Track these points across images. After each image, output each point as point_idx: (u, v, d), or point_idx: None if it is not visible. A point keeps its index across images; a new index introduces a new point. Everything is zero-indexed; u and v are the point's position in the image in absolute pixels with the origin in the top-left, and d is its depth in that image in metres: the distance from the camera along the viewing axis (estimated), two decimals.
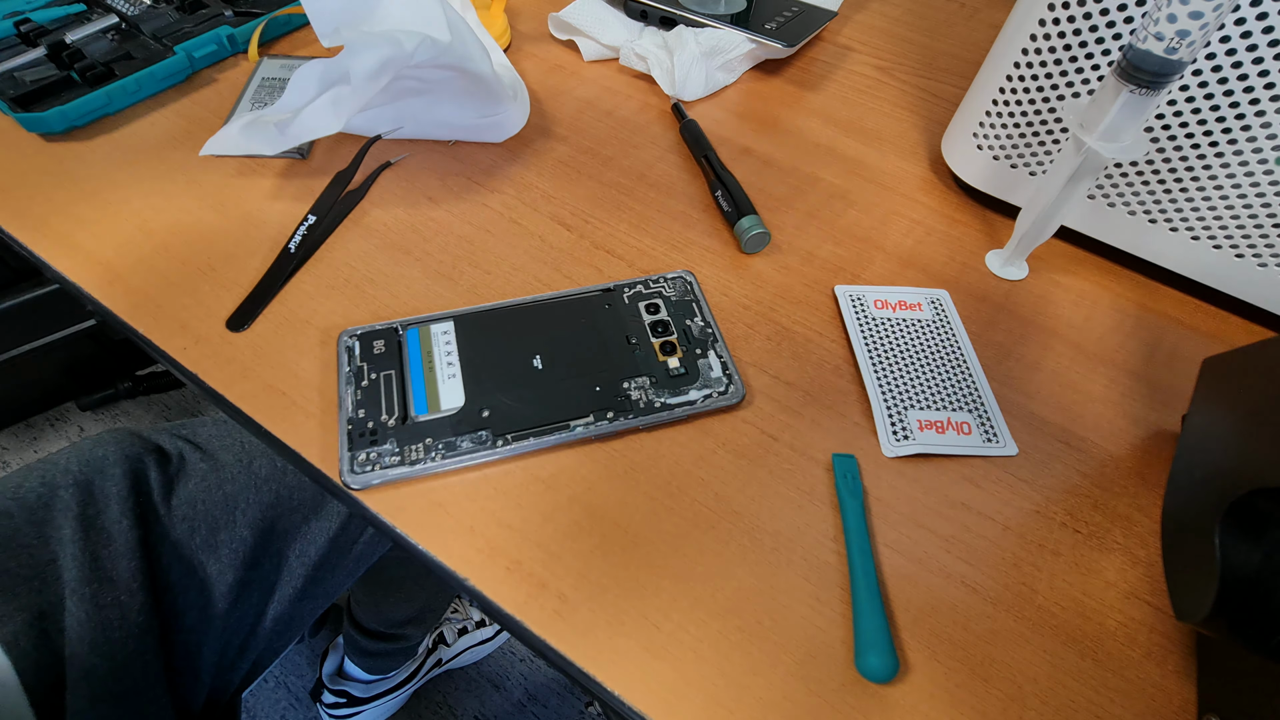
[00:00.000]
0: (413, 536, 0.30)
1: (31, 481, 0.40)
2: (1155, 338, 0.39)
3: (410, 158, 0.46)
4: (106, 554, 0.39)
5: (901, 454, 0.33)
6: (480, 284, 0.39)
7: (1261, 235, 0.36)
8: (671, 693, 0.26)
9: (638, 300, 0.38)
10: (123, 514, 0.40)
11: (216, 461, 0.45)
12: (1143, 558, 0.31)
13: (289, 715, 0.90)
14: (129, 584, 0.38)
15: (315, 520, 0.47)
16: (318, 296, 0.38)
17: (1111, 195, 0.40)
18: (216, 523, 0.43)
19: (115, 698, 0.37)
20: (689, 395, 0.34)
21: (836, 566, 0.30)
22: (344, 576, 0.50)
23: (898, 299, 0.39)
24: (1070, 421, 0.35)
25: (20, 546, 0.38)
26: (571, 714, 0.91)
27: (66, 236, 0.40)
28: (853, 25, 0.61)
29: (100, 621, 0.37)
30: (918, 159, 0.49)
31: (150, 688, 0.38)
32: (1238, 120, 0.34)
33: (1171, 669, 0.28)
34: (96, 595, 0.37)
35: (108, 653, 0.37)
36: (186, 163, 0.44)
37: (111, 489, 0.41)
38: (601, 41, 0.54)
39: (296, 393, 0.34)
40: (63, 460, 0.42)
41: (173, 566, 0.41)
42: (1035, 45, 0.37)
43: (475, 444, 0.32)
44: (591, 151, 0.47)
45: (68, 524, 0.39)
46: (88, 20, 0.50)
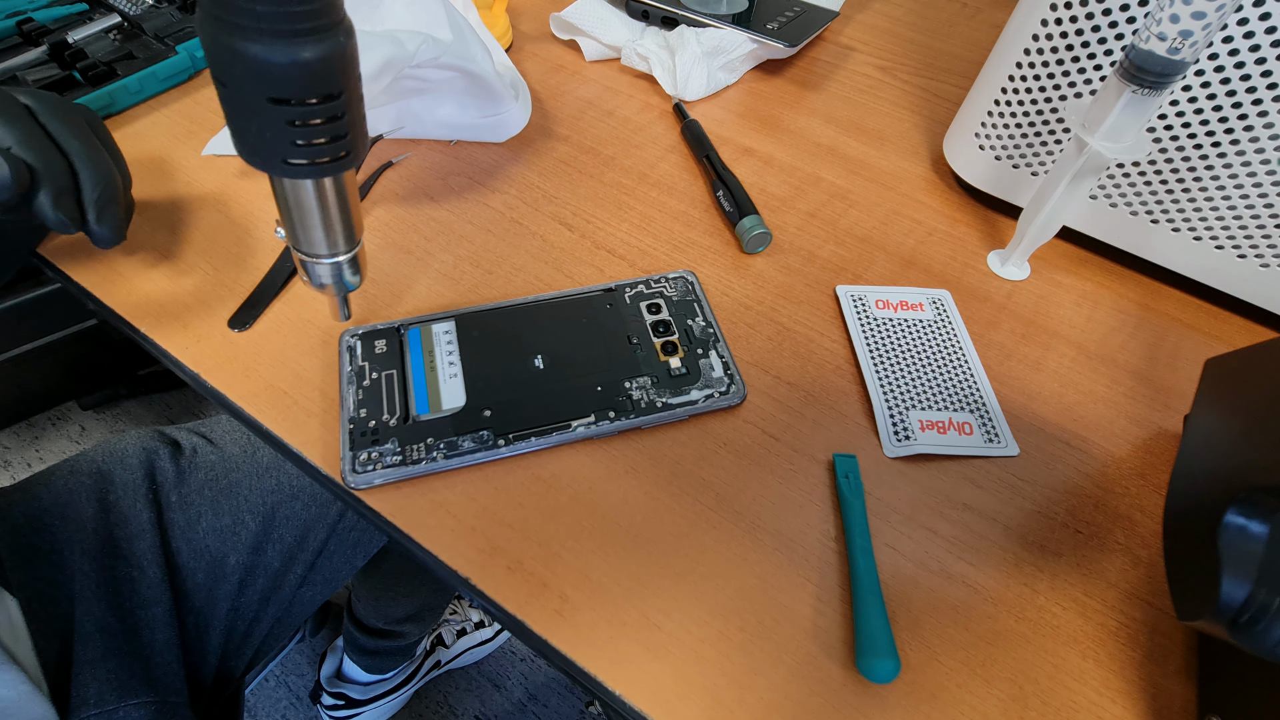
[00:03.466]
0: (414, 536, 0.30)
1: (61, 471, 0.45)
2: (1157, 338, 0.39)
3: (412, 157, 0.46)
4: (123, 534, 0.43)
5: (903, 454, 0.33)
6: (482, 284, 0.39)
7: (1264, 235, 0.36)
8: (672, 692, 0.26)
9: (639, 300, 0.38)
10: (137, 499, 0.44)
11: (224, 453, 0.48)
12: (1144, 558, 0.31)
13: (289, 715, 0.91)
14: (140, 561, 0.43)
15: (316, 508, 0.49)
16: (319, 296, 0.38)
17: (1114, 195, 0.40)
18: (221, 509, 0.46)
19: (128, 654, 0.40)
20: (690, 395, 0.34)
21: (837, 566, 0.30)
22: (344, 564, 0.51)
23: (899, 299, 0.39)
24: (1072, 422, 0.35)
25: (45, 525, 0.42)
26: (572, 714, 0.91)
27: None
28: (854, 25, 0.61)
29: (114, 590, 0.41)
30: (919, 159, 0.49)
31: (161, 652, 0.41)
32: (1240, 120, 0.34)
33: (1173, 669, 0.28)
34: (112, 567, 0.42)
35: (121, 615, 0.41)
36: (189, 162, 0.44)
37: (129, 477, 0.45)
38: (603, 41, 0.54)
39: (298, 392, 0.34)
40: (90, 453, 0.46)
41: (182, 549, 0.45)
42: (1037, 45, 0.37)
43: (477, 443, 0.32)
44: (593, 151, 0.47)
45: (89, 506, 0.43)
46: (90, 20, 0.50)
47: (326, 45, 0.19)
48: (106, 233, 0.32)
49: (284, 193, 0.24)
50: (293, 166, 0.21)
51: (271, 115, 0.20)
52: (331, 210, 0.25)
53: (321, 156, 0.21)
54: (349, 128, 0.21)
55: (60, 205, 0.30)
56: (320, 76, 0.19)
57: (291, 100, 0.19)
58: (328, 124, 0.20)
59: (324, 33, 0.19)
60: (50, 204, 0.30)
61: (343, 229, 0.26)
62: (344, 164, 0.22)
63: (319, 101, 0.19)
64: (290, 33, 0.18)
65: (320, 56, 0.18)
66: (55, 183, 0.30)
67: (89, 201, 0.31)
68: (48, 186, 0.30)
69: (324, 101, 0.19)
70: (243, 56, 0.18)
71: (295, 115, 0.20)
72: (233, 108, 0.20)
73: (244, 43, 0.18)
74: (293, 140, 0.20)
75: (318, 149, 0.21)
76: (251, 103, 0.20)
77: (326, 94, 0.19)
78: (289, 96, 0.19)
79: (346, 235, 0.27)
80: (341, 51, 0.19)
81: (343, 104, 0.20)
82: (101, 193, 0.32)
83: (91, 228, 0.32)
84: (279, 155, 0.21)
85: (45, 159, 0.30)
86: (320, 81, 0.19)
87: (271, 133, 0.20)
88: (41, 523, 0.42)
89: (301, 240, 0.26)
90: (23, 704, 0.34)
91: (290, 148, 0.21)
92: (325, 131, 0.20)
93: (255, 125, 0.20)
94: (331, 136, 0.21)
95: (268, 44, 0.18)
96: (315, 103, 0.19)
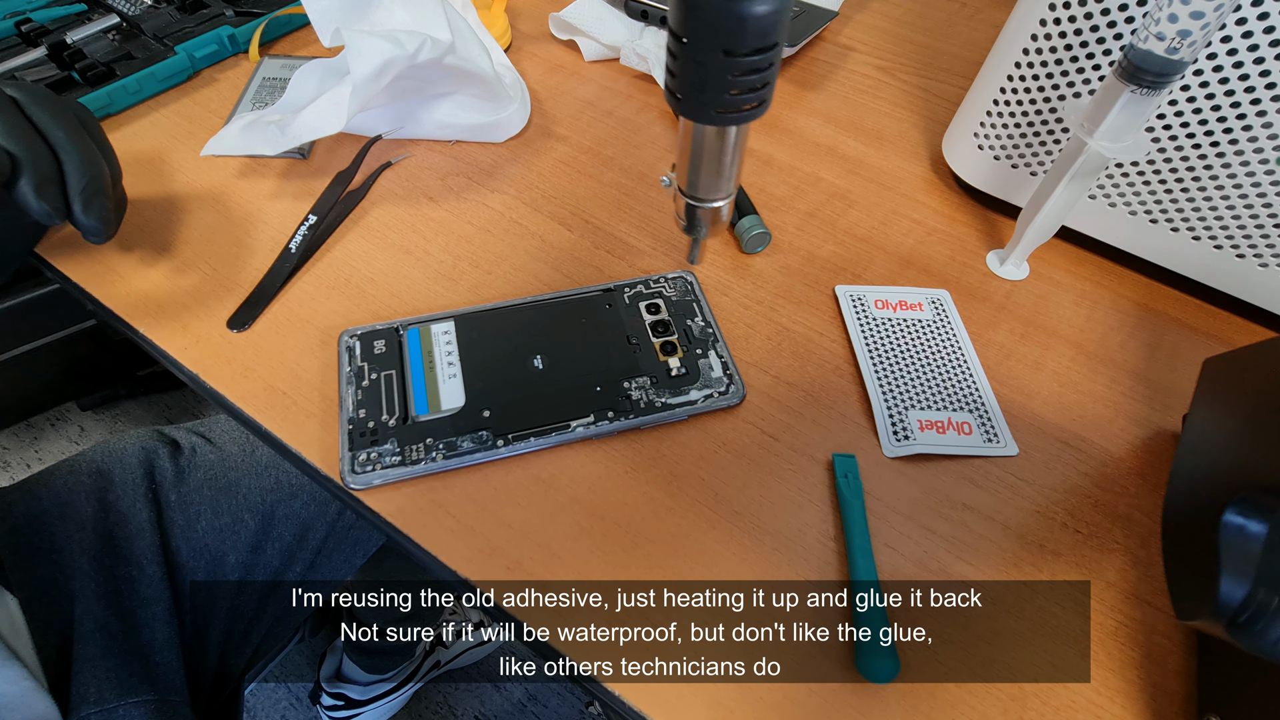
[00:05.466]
0: (414, 536, 0.30)
1: (61, 471, 0.45)
2: (1156, 338, 0.39)
3: (411, 158, 0.46)
4: (122, 534, 0.43)
5: (902, 454, 0.33)
6: (481, 284, 0.39)
7: (1262, 235, 0.36)
8: (672, 692, 0.26)
9: (638, 300, 0.38)
10: (137, 498, 0.44)
11: (223, 452, 0.48)
12: (1143, 558, 0.31)
13: (289, 715, 0.91)
14: (140, 560, 0.43)
15: (315, 506, 0.49)
16: (318, 296, 0.38)
17: (1112, 195, 0.40)
18: (220, 508, 0.46)
19: (128, 653, 0.40)
20: (689, 395, 0.34)
21: (837, 566, 0.30)
22: (344, 563, 0.52)
23: (898, 299, 0.39)
24: (1071, 421, 0.35)
25: (44, 524, 0.42)
26: (572, 714, 0.91)
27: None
28: (853, 25, 0.61)
29: (113, 589, 0.41)
30: (918, 159, 0.49)
31: (161, 651, 0.41)
32: (1239, 120, 0.34)
33: (1172, 669, 0.28)
34: (112, 567, 0.42)
35: (120, 613, 0.41)
36: (187, 163, 0.44)
37: (128, 477, 0.45)
38: (602, 41, 0.54)
39: (297, 393, 0.34)
40: (89, 453, 0.47)
41: (181, 548, 0.45)
42: (1036, 45, 0.37)
43: (476, 444, 0.32)
44: (592, 151, 0.47)
45: (88, 506, 0.43)
46: (89, 20, 0.50)
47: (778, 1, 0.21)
48: (94, 224, 0.32)
49: (699, 140, 0.27)
50: (721, 114, 0.24)
51: (720, 66, 0.22)
52: (730, 156, 0.27)
53: (748, 104, 0.23)
54: (770, 78, 0.24)
55: (44, 195, 0.30)
56: (768, 29, 0.21)
57: (738, 52, 0.21)
58: (760, 73, 0.23)
59: None
60: (33, 193, 0.30)
61: (734, 174, 0.29)
62: (759, 111, 0.24)
63: (760, 53, 0.22)
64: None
65: (774, 9, 0.20)
66: (39, 172, 0.30)
67: (74, 192, 0.31)
68: (30, 175, 0.30)
69: (763, 52, 0.22)
70: (712, 11, 0.21)
71: (738, 66, 0.22)
72: (683, 63, 0.22)
73: (718, 2, 0.20)
74: (729, 90, 0.23)
75: (746, 97, 0.23)
76: (704, 56, 0.22)
77: (768, 45, 0.22)
78: (739, 48, 0.21)
79: (734, 179, 0.29)
80: (786, 5, 0.21)
81: (774, 55, 0.22)
82: (88, 184, 0.31)
83: (78, 218, 0.32)
84: (713, 104, 0.23)
85: (29, 149, 0.30)
86: (767, 33, 0.21)
87: (714, 83, 0.23)
88: (41, 522, 0.42)
89: (701, 185, 0.29)
90: (25, 700, 0.34)
91: (725, 97, 0.23)
92: (756, 81, 0.23)
93: (700, 77, 0.23)
94: (760, 85, 0.23)
95: (737, 1, 0.20)
96: (756, 54, 0.22)
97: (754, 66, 0.22)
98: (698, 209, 0.30)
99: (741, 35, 0.21)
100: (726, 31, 0.21)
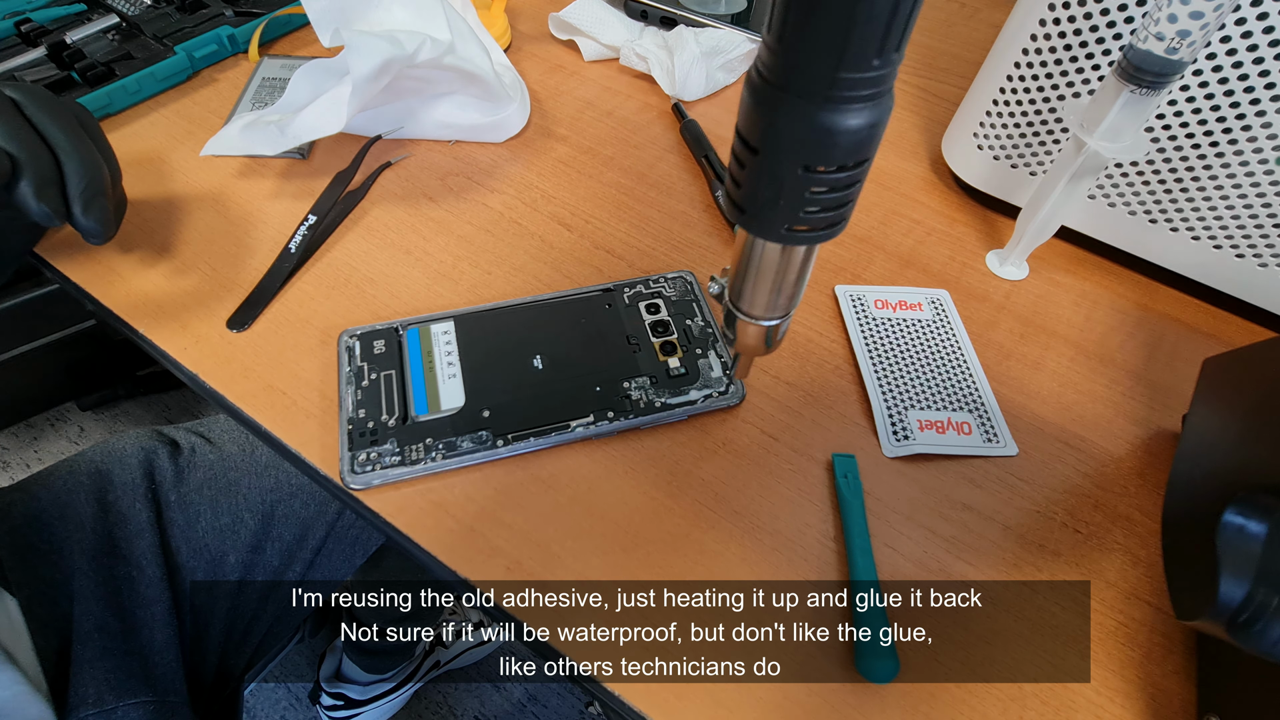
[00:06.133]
0: (413, 536, 0.30)
1: (60, 471, 0.45)
2: (1156, 338, 0.39)
3: (410, 158, 0.46)
4: (122, 534, 0.43)
5: (902, 454, 0.33)
6: (480, 284, 0.39)
7: (1262, 235, 0.36)
8: (672, 692, 0.26)
9: (638, 300, 0.38)
10: (136, 499, 0.44)
11: (223, 452, 0.48)
12: (1143, 558, 0.31)
13: (288, 715, 0.90)
14: (140, 560, 0.43)
15: (315, 506, 0.49)
16: (318, 296, 0.38)
17: (1112, 195, 0.40)
18: (220, 508, 0.46)
19: (127, 654, 0.40)
20: (689, 395, 0.34)
21: (836, 566, 0.30)
22: (343, 563, 0.52)
23: (898, 299, 0.39)
24: (1071, 421, 0.35)
25: (44, 524, 0.42)
26: (571, 714, 0.91)
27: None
28: None
29: (113, 589, 0.41)
30: (918, 159, 0.49)
31: (160, 651, 0.41)
32: (1238, 120, 0.34)
33: (1172, 669, 0.28)
34: (111, 567, 0.42)
35: (120, 614, 0.41)
36: (187, 163, 0.44)
37: (127, 477, 0.45)
38: (602, 41, 0.54)
39: (297, 393, 0.34)
40: (89, 453, 0.47)
41: (181, 548, 0.45)
42: (1036, 45, 0.37)
43: (475, 444, 0.32)
44: (592, 151, 0.47)
45: (88, 506, 0.43)
46: (88, 20, 0.50)
47: (877, 111, 0.17)
48: (94, 225, 0.32)
49: (758, 254, 0.23)
50: (792, 233, 0.20)
51: (798, 182, 0.19)
52: (795, 275, 0.24)
53: (822, 224, 0.20)
54: (854, 196, 0.20)
55: (43, 196, 0.30)
56: (863, 143, 0.18)
57: (824, 168, 0.18)
58: (841, 191, 0.19)
59: (879, 99, 0.17)
60: (33, 194, 0.30)
61: (798, 293, 0.25)
62: (835, 231, 0.21)
63: (846, 170, 0.18)
64: (848, 99, 0.17)
65: (870, 123, 0.17)
66: (38, 173, 0.30)
67: (74, 193, 0.31)
68: (30, 177, 0.30)
69: (851, 169, 0.18)
70: (798, 123, 0.17)
71: (821, 183, 0.19)
72: (751, 174, 0.19)
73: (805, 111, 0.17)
74: (805, 208, 0.19)
75: (825, 216, 0.20)
76: (780, 170, 0.18)
77: (859, 160, 0.18)
78: (825, 164, 0.18)
79: (796, 298, 0.25)
80: (884, 118, 0.18)
81: (862, 172, 0.19)
82: (87, 185, 0.31)
83: (78, 220, 0.32)
84: (785, 223, 0.20)
85: (28, 150, 0.30)
86: (860, 149, 0.18)
87: (790, 200, 0.19)
88: (41, 522, 0.42)
89: (758, 303, 0.25)
90: (19, 704, 0.34)
91: (800, 215, 0.19)
92: (836, 199, 0.19)
93: (773, 193, 0.19)
94: (839, 204, 0.20)
95: (829, 111, 0.17)
96: (842, 171, 0.18)
97: (839, 184, 0.19)
98: (750, 325, 0.26)
99: (830, 151, 0.18)
100: (812, 145, 0.18)
